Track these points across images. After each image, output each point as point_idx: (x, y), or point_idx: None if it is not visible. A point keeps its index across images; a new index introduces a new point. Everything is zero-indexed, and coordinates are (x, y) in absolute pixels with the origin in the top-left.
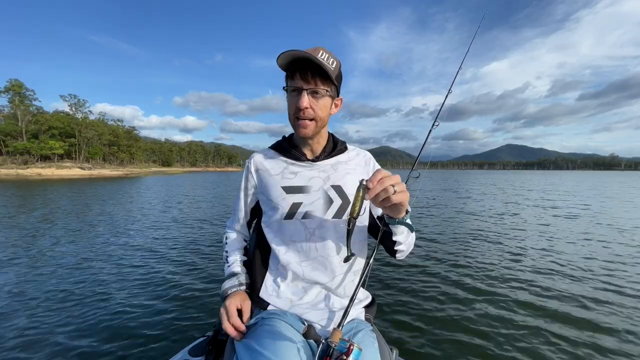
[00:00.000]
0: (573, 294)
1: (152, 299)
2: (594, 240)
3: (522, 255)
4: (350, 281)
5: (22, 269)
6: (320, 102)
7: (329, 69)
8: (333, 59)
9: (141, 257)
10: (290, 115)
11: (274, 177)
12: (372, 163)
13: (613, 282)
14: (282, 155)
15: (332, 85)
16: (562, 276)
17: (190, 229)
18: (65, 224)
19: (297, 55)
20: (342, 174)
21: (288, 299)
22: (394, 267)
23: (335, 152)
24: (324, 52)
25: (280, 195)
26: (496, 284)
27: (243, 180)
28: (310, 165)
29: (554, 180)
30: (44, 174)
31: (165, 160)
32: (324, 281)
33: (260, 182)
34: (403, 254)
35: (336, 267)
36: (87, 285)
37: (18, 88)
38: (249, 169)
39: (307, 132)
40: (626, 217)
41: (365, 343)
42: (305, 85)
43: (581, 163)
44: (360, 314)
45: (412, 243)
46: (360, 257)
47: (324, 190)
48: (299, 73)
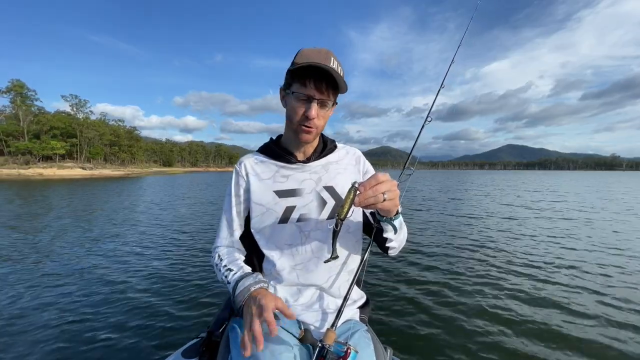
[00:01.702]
0: (567, 294)
1: (144, 300)
2: (596, 242)
3: (515, 255)
4: (345, 280)
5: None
6: (326, 113)
7: (342, 83)
8: (340, 66)
9: (134, 258)
10: (293, 119)
11: (265, 181)
12: (362, 161)
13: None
14: (272, 159)
15: (337, 95)
16: (555, 276)
17: (188, 229)
18: (65, 224)
19: (318, 66)
20: (333, 174)
21: (284, 300)
22: (387, 267)
23: (326, 152)
24: (334, 59)
25: (272, 199)
26: (488, 283)
27: (233, 186)
28: (302, 167)
29: (554, 180)
30: (46, 174)
31: (166, 160)
32: (320, 282)
33: (251, 187)
34: (395, 251)
35: (331, 267)
36: (77, 285)
37: (20, 88)
38: (239, 173)
39: (309, 138)
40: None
41: (361, 344)
42: (318, 96)
43: (582, 163)
44: (355, 314)
45: (403, 240)
46: (354, 256)
47: (316, 192)
48: (313, 82)
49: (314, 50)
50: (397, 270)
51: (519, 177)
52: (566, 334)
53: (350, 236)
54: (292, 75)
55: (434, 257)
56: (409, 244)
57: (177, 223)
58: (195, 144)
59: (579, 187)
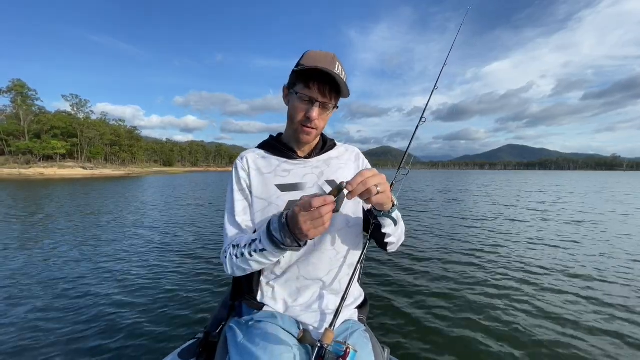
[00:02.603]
0: (563, 291)
1: (141, 301)
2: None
3: (513, 254)
4: (346, 274)
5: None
6: (327, 115)
7: (345, 89)
8: (344, 72)
9: (130, 259)
10: (294, 118)
11: (267, 175)
12: (361, 158)
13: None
14: (273, 154)
15: (339, 99)
16: (551, 276)
17: (184, 231)
18: (61, 223)
19: (323, 70)
20: (334, 168)
21: (283, 301)
22: (385, 268)
23: (326, 148)
24: (339, 64)
25: (274, 193)
26: (486, 282)
27: (235, 182)
28: (303, 162)
29: (555, 180)
30: (47, 173)
31: (167, 160)
32: (320, 276)
33: (252, 181)
34: (394, 247)
35: (332, 261)
36: (74, 286)
37: (20, 88)
38: (241, 167)
39: (309, 139)
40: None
41: (359, 344)
42: (321, 99)
43: (582, 163)
44: (354, 314)
45: (402, 235)
46: (355, 251)
47: (319, 186)
48: (317, 85)
49: (321, 54)
50: (395, 270)
51: (519, 177)
52: (565, 335)
53: (350, 230)
54: (297, 76)
55: (431, 258)
56: (407, 245)
57: (172, 223)
58: (195, 144)
59: (580, 188)
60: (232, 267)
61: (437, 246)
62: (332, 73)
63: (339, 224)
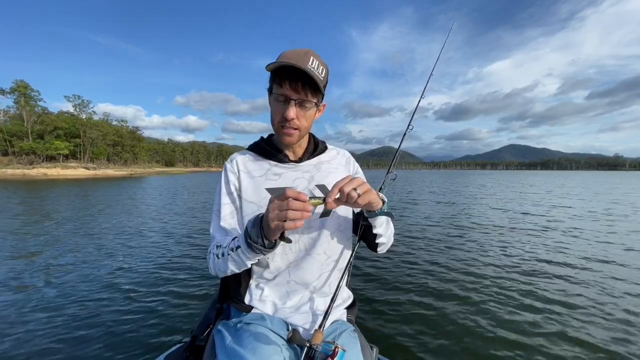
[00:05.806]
0: (555, 290)
1: (126, 305)
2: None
3: (502, 254)
4: (335, 278)
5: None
6: (307, 113)
7: (320, 81)
8: (322, 66)
9: (118, 262)
10: (274, 121)
11: (257, 179)
12: (352, 162)
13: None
14: (264, 157)
15: (319, 95)
16: (542, 274)
17: (181, 232)
18: (58, 224)
19: (290, 65)
20: (325, 173)
21: (272, 303)
22: (374, 269)
23: (317, 152)
24: (314, 58)
25: (264, 197)
26: (475, 281)
27: (223, 185)
28: (294, 166)
29: (556, 180)
30: (50, 174)
31: (168, 160)
32: (311, 280)
33: (243, 185)
34: (384, 247)
35: (323, 265)
36: (58, 290)
37: (23, 89)
38: (230, 170)
39: (291, 140)
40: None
41: (348, 344)
42: (295, 96)
43: (585, 163)
44: (343, 315)
45: (391, 236)
46: (345, 254)
47: (309, 190)
48: (288, 82)
49: (295, 51)
50: (383, 271)
51: (519, 177)
52: (574, 334)
53: (341, 234)
54: (272, 77)
55: (420, 259)
56: (395, 246)
57: (166, 226)
58: (197, 144)
59: (587, 191)
60: (215, 267)
61: (426, 247)
62: (302, 67)
63: (331, 227)
